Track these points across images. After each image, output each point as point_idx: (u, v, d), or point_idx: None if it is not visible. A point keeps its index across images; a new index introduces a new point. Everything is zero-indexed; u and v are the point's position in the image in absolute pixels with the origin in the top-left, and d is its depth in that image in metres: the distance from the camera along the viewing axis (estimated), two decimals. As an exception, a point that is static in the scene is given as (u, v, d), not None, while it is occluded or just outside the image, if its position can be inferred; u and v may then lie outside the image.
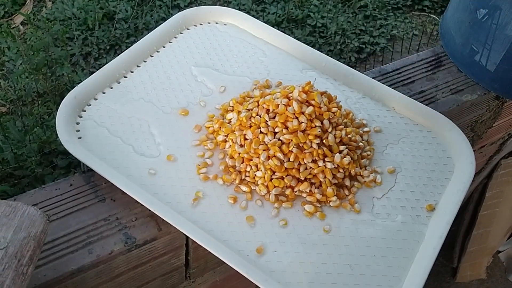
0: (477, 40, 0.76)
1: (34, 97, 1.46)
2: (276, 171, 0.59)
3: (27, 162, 1.26)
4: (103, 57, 1.58)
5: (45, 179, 1.26)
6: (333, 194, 0.60)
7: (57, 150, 1.31)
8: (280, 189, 0.60)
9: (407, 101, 0.72)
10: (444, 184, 0.65)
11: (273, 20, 1.65)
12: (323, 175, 0.60)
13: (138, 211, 0.58)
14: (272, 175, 0.60)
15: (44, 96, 1.46)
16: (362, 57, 1.64)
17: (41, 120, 1.38)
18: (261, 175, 0.60)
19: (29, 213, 0.48)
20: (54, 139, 1.30)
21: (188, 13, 0.77)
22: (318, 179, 0.60)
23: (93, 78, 0.67)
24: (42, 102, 1.44)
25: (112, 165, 0.60)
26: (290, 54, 0.76)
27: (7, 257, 0.45)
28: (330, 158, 0.60)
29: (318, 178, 0.60)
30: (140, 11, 1.67)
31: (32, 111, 1.37)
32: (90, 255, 0.54)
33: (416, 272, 0.56)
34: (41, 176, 1.26)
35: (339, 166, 0.61)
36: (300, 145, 0.59)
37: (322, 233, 0.58)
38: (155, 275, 0.64)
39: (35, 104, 1.43)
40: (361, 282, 0.55)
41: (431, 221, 0.61)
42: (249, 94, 0.68)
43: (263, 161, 0.59)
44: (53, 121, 1.35)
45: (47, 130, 1.32)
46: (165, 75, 0.71)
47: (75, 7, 1.65)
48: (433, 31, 1.74)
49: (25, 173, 1.26)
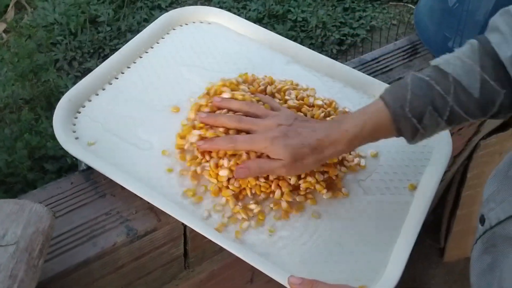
0: (449, 27, 0.81)
1: (21, 103, 1.48)
2: None
3: (18, 169, 1.27)
4: (87, 61, 1.59)
5: (36, 184, 1.28)
6: (323, 188, 0.63)
7: (47, 155, 1.32)
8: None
9: (386, 88, 0.75)
10: (424, 164, 0.69)
11: (254, 17, 1.68)
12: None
13: (138, 204, 0.61)
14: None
15: (31, 102, 1.47)
16: (343, 48, 1.68)
17: (29, 126, 1.39)
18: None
19: (36, 209, 0.51)
20: (44, 144, 1.32)
21: (174, 14, 0.80)
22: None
23: (86, 81, 0.69)
24: (29, 108, 1.45)
25: (109, 162, 0.62)
26: (274, 49, 0.80)
27: (18, 251, 0.47)
28: None
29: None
30: (122, 14, 1.68)
31: (20, 118, 1.39)
32: (95, 247, 0.57)
33: (401, 246, 0.60)
34: (32, 181, 1.27)
35: None
36: None
37: (313, 218, 0.62)
38: (156, 265, 0.67)
39: (22, 110, 1.44)
40: (351, 259, 0.59)
41: (413, 199, 0.65)
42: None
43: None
44: (42, 127, 1.37)
45: (36, 135, 1.33)
46: (155, 75, 0.73)
47: (57, 13, 1.66)
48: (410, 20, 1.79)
49: (17, 179, 1.27)
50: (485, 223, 0.48)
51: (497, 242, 0.46)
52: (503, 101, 0.53)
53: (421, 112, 0.54)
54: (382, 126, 0.56)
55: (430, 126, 0.55)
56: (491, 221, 0.47)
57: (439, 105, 0.54)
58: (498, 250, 0.46)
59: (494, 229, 0.46)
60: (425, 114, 0.54)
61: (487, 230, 0.47)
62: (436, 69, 0.55)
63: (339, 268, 0.58)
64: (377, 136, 0.58)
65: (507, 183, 0.47)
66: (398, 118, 0.55)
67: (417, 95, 0.54)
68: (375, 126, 0.56)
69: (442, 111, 0.54)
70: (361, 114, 0.58)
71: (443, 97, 0.54)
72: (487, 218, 0.47)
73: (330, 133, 0.57)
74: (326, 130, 0.57)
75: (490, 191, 0.49)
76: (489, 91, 0.52)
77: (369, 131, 0.56)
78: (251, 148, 0.58)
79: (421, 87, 0.54)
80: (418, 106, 0.54)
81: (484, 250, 0.47)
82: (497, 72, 0.52)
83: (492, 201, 0.48)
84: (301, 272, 0.57)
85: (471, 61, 0.53)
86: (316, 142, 0.56)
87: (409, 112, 0.54)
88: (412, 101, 0.54)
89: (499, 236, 0.46)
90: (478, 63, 0.52)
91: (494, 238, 0.46)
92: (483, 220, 0.48)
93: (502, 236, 0.45)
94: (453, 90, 0.53)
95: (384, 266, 0.59)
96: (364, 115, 0.57)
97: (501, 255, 0.45)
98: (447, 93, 0.53)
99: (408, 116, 0.54)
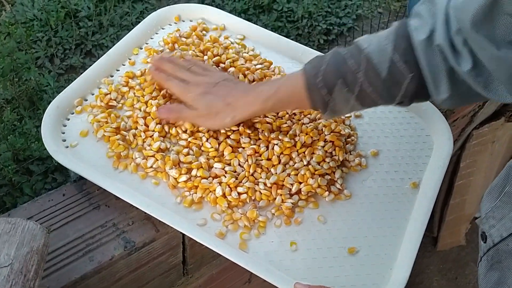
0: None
1: (3, 104, 1.43)
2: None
3: (3, 171, 1.24)
4: (69, 57, 1.55)
5: (22, 186, 1.25)
6: (325, 190, 0.62)
7: (32, 156, 1.29)
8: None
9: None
10: (425, 162, 0.68)
11: (239, 8, 1.65)
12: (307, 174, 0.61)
13: (134, 214, 0.59)
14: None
15: (13, 102, 1.43)
16: (330, 38, 1.66)
17: (12, 127, 1.36)
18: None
19: (29, 227, 0.48)
20: (28, 145, 1.28)
21: (162, 12, 0.77)
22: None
23: (73, 86, 0.66)
24: (11, 108, 1.41)
25: (102, 171, 0.60)
26: (266, 46, 0.78)
27: (13, 273, 0.45)
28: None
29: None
30: (103, 8, 1.64)
31: (3, 119, 1.34)
32: (92, 262, 0.55)
33: (407, 248, 0.59)
34: (17, 183, 1.24)
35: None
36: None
37: (316, 221, 0.60)
38: (154, 274, 0.65)
39: (4, 111, 1.40)
40: (356, 263, 0.58)
41: (416, 198, 0.64)
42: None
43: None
44: (25, 127, 1.33)
45: (20, 136, 1.29)
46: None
47: (36, 8, 1.61)
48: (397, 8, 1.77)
49: (2, 182, 1.24)
50: (488, 240, 0.47)
51: (502, 258, 0.46)
52: (408, 85, 0.52)
53: (332, 84, 0.55)
54: (296, 92, 0.57)
55: (339, 100, 0.55)
56: (494, 238, 0.46)
57: (349, 80, 0.54)
58: (504, 266, 0.45)
59: (497, 246, 0.46)
60: (335, 86, 0.55)
61: (491, 247, 0.47)
62: (355, 45, 0.55)
63: (344, 273, 0.57)
64: (291, 101, 0.59)
65: (505, 199, 0.47)
66: (310, 87, 0.56)
67: (331, 67, 0.55)
68: (289, 91, 0.58)
69: (352, 86, 0.54)
70: (280, 79, 0.62)
71: (353, 73, 0.54)
72: (488, 236, 0.47)
73: (246, 92, 0.61)
74: (244, 90, 0.62)
75: (488, 207, 0.48)
76: (396, 72, 0.52)
77: (283, 95, 0.58)
78: (180, 96, 0.64)
79: (337, 60, 0.55)
80: (329, 78, 0.55)
81: (490, 267, 0.47)
82: (407, 55, 0.51)
83: (492, 218, 0.47)
84: (306, 279, 0.55)
85: (386, 40, 0.53)
86: (231, 99, 0.60)
87: (320, 81, 0.55)
88: (325, 72, 0.55)
89: (504, 252, 0.46)
90: (392, 43, 0.52)
91: (499, 255, 0.46)
92: (484, 237, 0.48)
93: (506, 252, 0.45)
94: (364, 67, 0.53)
95: (391, 268, 0.58)
96: (281, 80, 0.60)
97: (508, 270, 0.45)
98: (358, 68, 0.54)
99: (319, 86, 0.55)
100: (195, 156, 0.61)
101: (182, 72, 0.65)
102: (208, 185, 0.59)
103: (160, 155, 0.60)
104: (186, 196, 0.59)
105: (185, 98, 0.63)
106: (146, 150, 0.61)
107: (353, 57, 0.54)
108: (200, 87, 0.62)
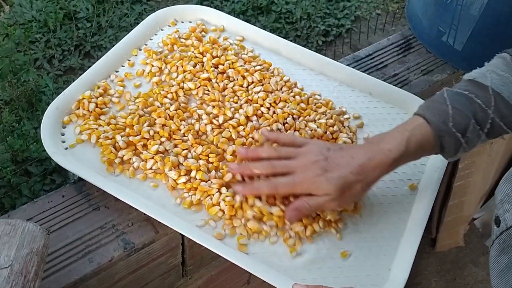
0: (443, 21, 0.79)
1: (1, 105, 1.43)
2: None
3: (2, 173, 1.24)
4: (68, 58, 1.55)
5: (21, 188, 1.25)
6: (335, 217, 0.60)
7: (31, 157, 1.29)
8: None
9: (382, 86, 0.74)
10: (424, 163, 0.68)
11: (238, 9, 1.65)
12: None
13: (133, 216, 0.59)
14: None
15: (12, 103, 1.43)
16: (329, 40, 1.67)
17: (11, 128, 1.36)
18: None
19: (29, 229, 0.48)
20: (27, 147, 1.28)
21: (160, 14, 0.77)
22: None
23: (72, 87, 0.66)
24: (10, 110, 1.41)
25: (102, 173, 0.60)
26: (266, 48, 0.78)
27: (13, 274, 0.45)
28: None
29: None
30: (101, 9, 1.64)
31: (1, 120, 1.34)
32: (91, 263, 0.55)
33: (405, 249, 0.59)
34: (16, 184, 1.24)
35: None
36: None
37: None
38: (153, 276, 0.65)
39: (3, 112, 1.40)
40: (355, 264, 0.58)
41: (415, 199, 0.64)
42: None
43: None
44: (24, 129, 1.33)
45: (19, 138, 1.29)
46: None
47: (34, 10, 1.61)
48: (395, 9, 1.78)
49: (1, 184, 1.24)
50: (501, 224, 0.48)
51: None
52: None
53: (465, 126, 0.55)
54: (426, 143, 0.56)
55: (472, 140, 0.56)
56: (507, 222, 0.47)
57: (480, 118, 0.55)
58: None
59: (510, 230, 0.46)
60: (468, 128, 0.55)
61: (504, 231, 0.47)
62: (473, 82, 0.56)
63: (343, 274, 0.57)
64: (420, 153, 0.57)
65: None
66: (442, 134, 0.55)
67: (459, 110, 0.55)
68: (419, 143, 0.56)
69: (483, 124, 0.55)
70: (400, 132, 0.56)
71: (484, 110, 0.55)
72: (502, 220, 0.48)
73: (372, 156, 0.55)
74: (366, 154, 0.56)
75: (503, 193, 0.49)
76: None
77: (414, 149, 0.56)
78: (294, 191, 0.56)
79: (461, 101, 0.55)
80: (461, 121, 0.55)
81: (501, 251, 0.48)
82: None
83: (507, 203, 0.48)
84: (305, 280, 0.56)
85: (507, 73, 0.55)
86: (359, 168, 0.55)
87: (452, 127, 0.55)
88: (454, 116, 0.55)
89: None
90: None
91: (511, 239, 0.47)
92: (498, 222, 0.48)
93: None
94: (494, 102, 0.55)
95: (389, 269, 0.58)
96: (405, 133, 0.56)
97: None
98: (488, 105, 0.55)
99: (453, 131, 0.55)
100: (194, 159, 0.61)
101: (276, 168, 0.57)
102: (207, 188, 0.59)
103: (159, 157, 0.61)
104: (185, 197, 0.59)
105: (303, 191, 0.56)
106: (143, 154, 0.61)
107: (479, 95, 0.55)
108: (311, 171, 0.55)
